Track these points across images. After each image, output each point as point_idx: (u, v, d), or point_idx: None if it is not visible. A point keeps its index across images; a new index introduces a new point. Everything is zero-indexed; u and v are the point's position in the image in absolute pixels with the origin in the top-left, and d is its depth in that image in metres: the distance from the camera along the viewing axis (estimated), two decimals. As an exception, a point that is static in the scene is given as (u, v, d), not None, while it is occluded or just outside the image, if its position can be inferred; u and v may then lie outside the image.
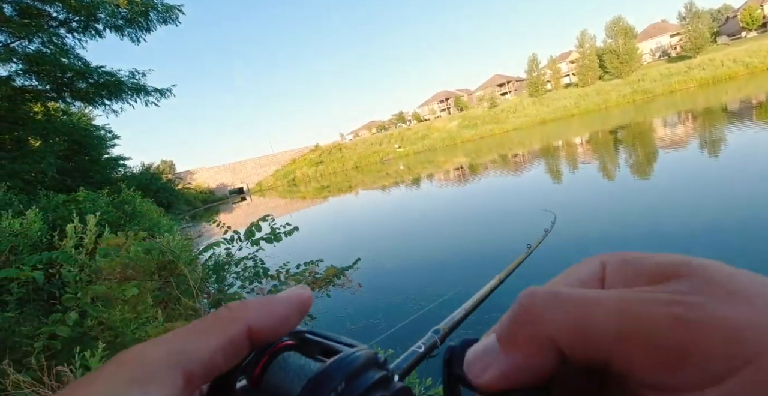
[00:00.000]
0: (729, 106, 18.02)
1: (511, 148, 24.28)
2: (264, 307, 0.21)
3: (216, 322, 0.20)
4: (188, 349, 0.19)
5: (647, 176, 8.66)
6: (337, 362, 0.20)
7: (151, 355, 0.18)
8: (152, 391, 0.17)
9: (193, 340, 0.19)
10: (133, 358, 0.18)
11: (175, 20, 11.57)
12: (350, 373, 0.20)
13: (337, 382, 0.19)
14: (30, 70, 10.81)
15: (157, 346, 0.19)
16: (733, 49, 40.28)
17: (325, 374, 0.20)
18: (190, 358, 0.18)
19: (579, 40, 46.92)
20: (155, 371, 0.17)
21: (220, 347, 0.19)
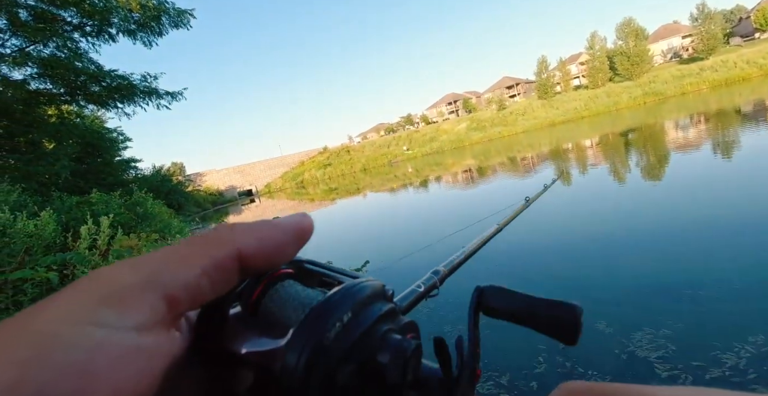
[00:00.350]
0: (743, 108, 17.75)
1: (519, 151, 24.14)
2: (256, 231, 0.19)
3: (201, 244, 0.18)
4: (169, 271, 0.17)
5: (658, 179, 8.56)
6: (343, 291, 0.19)
7: (125, 275, 0.16)
8: (128, 313, 0.15)
9: (175, 262, 0.17)
10: (104, 277, 0.16)
11: (187, 24, 11.71)
12: (357, 303, 0.19)
13: (342, 312, 0.18)
14: (44, 74, 11.00)
15: (133, 267, 0.17)
16: (747, 50, 39.70)
17: (329, 303, 0.18)
18: (172, 281, 0.16)
19: (589, 41, 46.57)
20: (131, 293, 0.15)
21: (205, 271, 0.17)
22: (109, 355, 0.14)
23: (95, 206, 6.10)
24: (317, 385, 0.17)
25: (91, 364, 0.13)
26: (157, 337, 0.16)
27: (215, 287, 0.18)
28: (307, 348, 0.17)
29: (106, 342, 0.14)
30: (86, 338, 0.14)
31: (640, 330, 3.14)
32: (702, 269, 3.97)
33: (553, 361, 2.98)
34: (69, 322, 0.14)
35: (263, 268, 0.20)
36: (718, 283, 3.61)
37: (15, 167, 9.93)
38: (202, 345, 0.19)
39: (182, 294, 0.16)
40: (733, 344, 2.74)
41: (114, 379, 0.13)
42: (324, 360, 0.17)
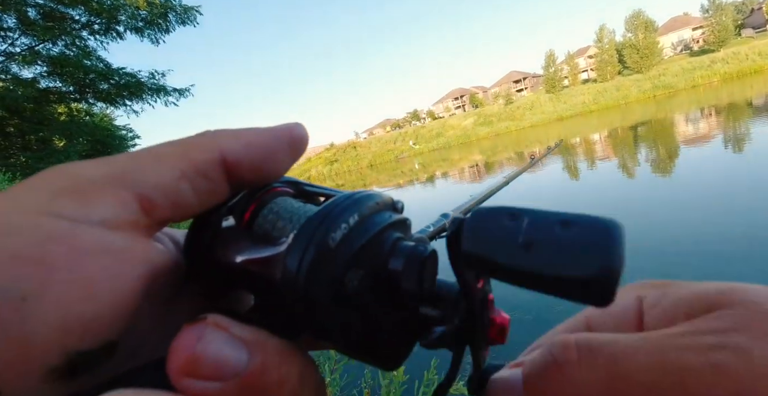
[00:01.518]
0: (755, 101, 17.47)
1: (527, 146, 23.98)
2: (242, 136, 0.18)
3: (178, 146, 0.16)
4: (141, 170, 0.15)
5: (668, 174, 8.47)
6: (348, 195, 0.17)
7: (88, 169, 0.14)
8: (92, 206, 0.13)
9: (148, 162, 0.15)
10: (65, 170, 0.14)
11: (193, 21, 11.76)
12: (364, 208, 0.17)
13: (349, 214, 0.16)
14: (54, 72, 11.12)
15: (99, 163, 0.15)
16: (759, 42, 38.99)
17: (333, 205, 0.16)
18: (145, 181, 0.15)
19: (598, 34, 46.00)
20: (95, 185, 0.14)
21: (185, 175, 0.16)
22: (69, 248, 0.12)
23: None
24: (323, 292, 0.15)
25: (47, 255, 0.12)
26: (129, 239, 0.14)
27: (200, 195, 0.16)
28: (310, 250, 0.15)
29: (64, 233, 0.12)
30: (41, 228, 0.12)
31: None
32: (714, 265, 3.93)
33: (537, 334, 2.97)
34: (20, 210, 0.12)
35: (254, 178, 0.18)
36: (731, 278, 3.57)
37: (26, 165, 10.07)
38: (193, 260, 0.18)
39: (158, 196, 0.15)
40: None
41: (81, 275, 0.12)
42: (329, 264, 0.15)
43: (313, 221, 0.16)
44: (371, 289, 0.17)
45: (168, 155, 0.16)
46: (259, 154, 0.18)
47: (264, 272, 0.16)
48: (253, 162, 0.17)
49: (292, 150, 0.19)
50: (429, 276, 0.18)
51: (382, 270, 0.17)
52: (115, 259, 0.13)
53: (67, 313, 0.12)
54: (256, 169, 0.18)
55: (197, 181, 0.16)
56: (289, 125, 0.19)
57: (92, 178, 0.14)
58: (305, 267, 0.15)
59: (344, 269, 0.16)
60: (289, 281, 0.15)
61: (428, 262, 0.18)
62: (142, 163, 0.15)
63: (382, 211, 0.18)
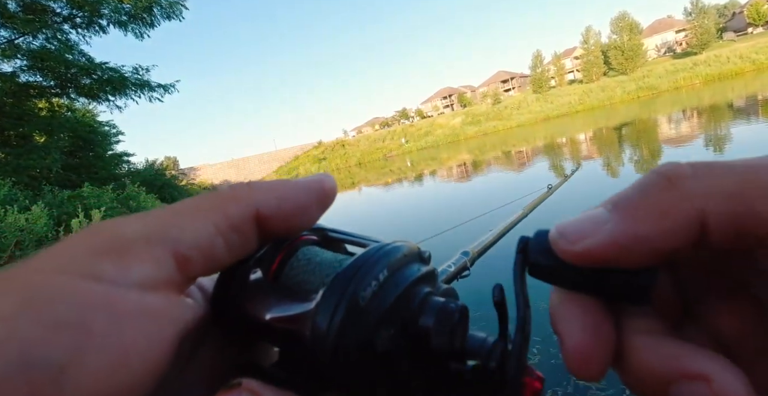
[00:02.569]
0: (735, 103, 17.87)
1: (515, 145, 24.19)
2: (275, 190, 0.18)
3: (215, 200, 0.17)
4: (179, 226, 0.15)
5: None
6: (377, 249, 0.17)
7: (128, 227, 0.14)
8: (131, 267, 0.13)
9: (186, 218, 0.15)
10: (105, 229, 0.14)
11: (179, 16, 11.59)
12: (393, 261, 0.17)
13: (378, 270, 0.16)
14: (34, 66, 10.86)
15: (138, 220, 0.15)
16: (740, 45, 39.91)
17: (363, 261, 0.16)
18: (182, 238, 0.15)
19: (584, 35, 46.59)
20: (134, 245, 0.14)
21: (219, 229, 0.16)
22: (109, 313, 0.12)
23: (87, 200, 6.04)
24: (353, 352, 0.15)
25: (87, 322, 0.12)
26: (165, 298, 0.14)
27: (231, 249, 0.16)
28: (340, 308, 0.15)
29: (104, 298, 0.12)
30: (81, 292, 0.12)
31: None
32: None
33: (547, 352, 3.00)
34: (60, 273, 0.12)
35: (283, 231, 0.18)
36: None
37: (5, 161, 9.81)
38: (220, 313, 0.18)
39: (194, 253, 0.15)
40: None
41: (119, 342, 0.12)
42: (360, 322, 0.15)
43: (343, 278, 0.16)
44: (401, 347, 0.16)
45: (204, 210, 0.16)
46: (291, 208, 0.18)
47: (293, 329, 0.16)
48: (285, 216, 0.18)
49: (323, 203, 0.19)
50: (460, 332, 0.17)
51: (412, 327, 0.17)
52: (151, 322, 0.13)
53: (103, 381, 0.12)
54: (288, 222, 0.18)
55: (231, 235, 0.16)
56: (321, 178, 0.20)
57: (131, 236, 0.14)
58: (335, 326, 0.15)
59: (375, 328, 0.16)
60: (318, 340, 0.15)
61: (460, 318, 0.17)
62: (179, 218, 0.15)
63: (410, 264, 0.18)
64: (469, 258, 0.63)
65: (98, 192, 6.53)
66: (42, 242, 3.96)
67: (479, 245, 0.72)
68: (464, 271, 0.60)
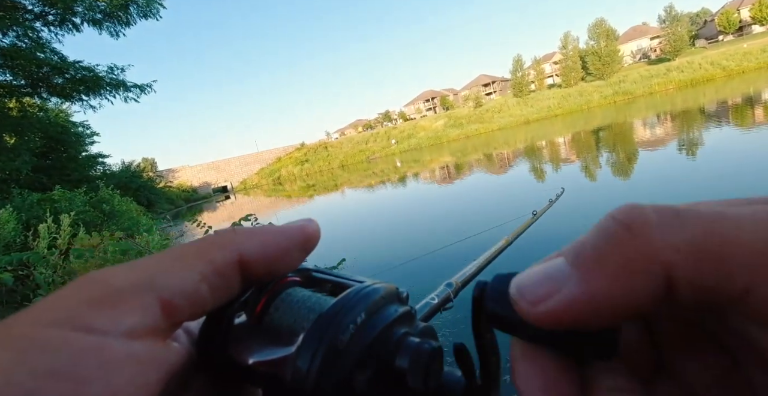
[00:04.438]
0: (707, 108, 18.47)
1: (496, 148, 24.48)
2: (258, 236, 0.18)
3: (200, 248, 0.17)
4: (165, 275, 0.16)
5: (626, 176, 8.81)
6: (355, 292, 0.18)
7: (116, 278, 0.15)
8: (121, 316, 0.14)
9: (172, 266, 0.16)
10: (94, 280, 0.15)
11: (156, 14, 11.35)
12: (370, 304, 0.17)
13: (355, 313, 0.17)
14: (4, 65, 10.47)
15: (126, 270, 0.16)
16: (711, 52, 41.34)
17: (341, 304, 0.17)
18: (168, 286, 0.15)
19: (562, 41, 47.59)
20: (122, 296, 0.15)
21: (204, 276, 0.16)
22: (99, 362, 0.13)
23: (58, 203, 5.84)
24: (332, 393, 0.16)
25: (78, 371, 0.12)
26: (152, 345, 0.15)
27: (215, 294, 0.17)
28: (319, 352, 0.16)
29: (94, 347, 0.13)
30: (72, 343, 0.13)
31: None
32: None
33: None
34: (53, 325, 0.13)
35: (267, 275, 0.19)
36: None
37: (-29, 163, 9.43)
38: (205, 356, 0.18)
39: (179, 300, 0.16)
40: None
41: (108, 389, 0.13)
42: (338, 364, 0.16)
43: (322, 322, 0.16)
44: (378, 388, 0.17)
45: (189, 259, 0.16)
46: (273, 253, 0.18)
47: (275, 372, 0.16)
48: (267, 260, 0.18)
49: (305, 247, 0.19)
50: (435, 372, 0.18)
51: (389, 368, 0.17)
52: (138, 368, 0.14)
53: None
54: (270, 266, 0.18)
55: (215, 281, 0.17)
56: (303, 224, 0.20)
57: (120, 286, 0.15)
58: (315, 369, 0.15)
59: (352, 370, 0.16)
60: (298, 382, 0.16)
61: (434, 360, 0.17)
62: (165, 267, 0.16)
63: (387, 305, 0.18)
64: (453, 289, 0.63)
65: (70, 195, 6.31)
66: (10, 247, 3.80)
67: (462, 276, 0.71)
68: (448, 302, 0.60)
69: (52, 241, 3.05)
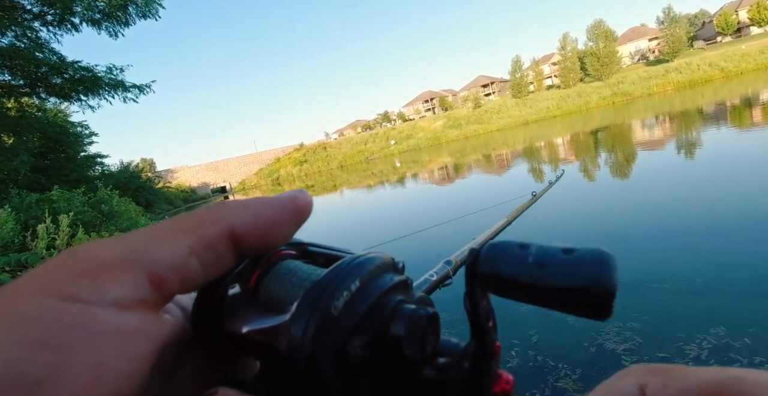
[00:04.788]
0: (705, 109, 18.52)
1: (495, 148, 24.50)
2: (250, 208, 0.18)
3: (189, 221, 0.17)
4: (153, 248, 0.16)
5: (625, 177, 8.82)
6: (348, 260, 0.18)
7: (103, 251, 0.15)
8: (106, 288, 0.14)
9: (160, 239, 0.16)
10: (80, 252, 0.15)
11: (155, 15, 11.34)
12: (365, 273, 0.18)
13: (349, 281, 0.17)
14: (2, 65, 10.45)
15: (114, 243, 0.16)
16: (709, 53, 41.47)
17: (334, 273, 0.17)
18: (156, 259, 0.15)
19: (561, 42, 47.66)
20: (108, 267, 0.14)
21: (194, 250, 0.16)
22: (87, 332, 0.13)
23: (57, 204, 5.83)
24: (327, 360, 0.16)
25: (65, 340, 0.12)
26: (142, 317, 0.15)
27: (207, 268, 0.17)
28: (313, 319, 0.16)
29: (80, 317, 0.13)
30: (58, 312, 0.13)
31: (609, 323, 3.22)
32: (666, 264, 4.11)
33: (525, 355, 3.02)
34: (39, 294, 0.13)
35: (260, 247, 0.18)
36: (682, 277, 3.74)
37: (-30, 163, 9.42)
38: (199, 328, 0.18)
39: (168, 273, 0.15)
40: (695, 336, 2.84)
41: (94, 358, 0.13)
42: (333, 332, 0.16)
43: (316, 290, 0.16)
44: (375, 356, 0.17)
45: (178, 232, 0.16)
46: (265, 224, 0.18)
47: (269, 341, 0.17)
48: (260, 232, 0.18)
49: (297, 219, 0.19)
50: (431, 339, 0.18)
51: (385, 335, 0.17)
52: (127, 340, 0.14)
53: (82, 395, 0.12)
54: (263, 238, 0.18)
55: (206, 254, 0.16)
56: (294, 194, 0.20)
57: (107, 259, 0.15)
58: (309, 336, 0.15)
59: (347, 337, 0.16)
60: (293, 350, 0.16)
61: (431, 326, 0.18)
62: (154, 241, 0.16)
63: (383, 275, 0.18)
64: (452, 267, 0.63)
65: (68, 195, 6.30)
66: (8, 248, 3.80)
67: (461, 254, 0.72)
68: (447, 279, 0.60)
69: (51, 242, 3.05)
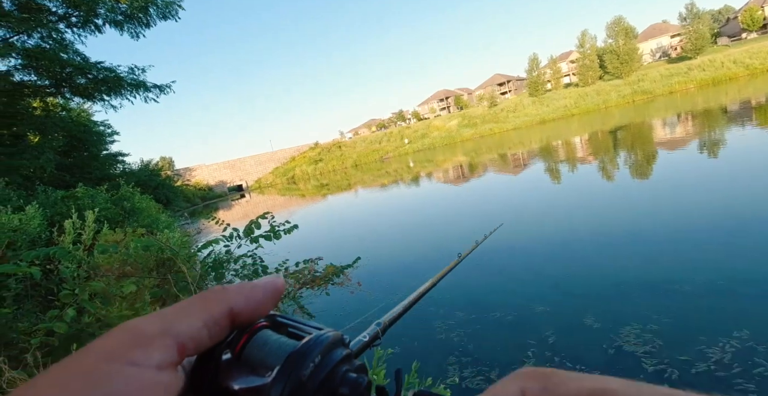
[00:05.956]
0: (729, 108, 18.01)
1: (510, 148, 24.26)
2: (243, 292, 0.25)
3: (202, 303, 0.23)
4: (180, 323, 0.21)
5: (645, 178, 8.65)
6: (314, 339, 0.24)
7: (149, 326, 0.21)
8: (153, 354, 0.19)
9: (183, 316, 0.22)
10: (135, 327, 0.21)
11: (175, 16, 11.53)
12: (324, 348, 0.24)
13: (314, 355, 0.23)
14: (29, 65, 10.75)
15: (153, 319, 0.22)
16: (734, 50, 40.31)
17: (305, 348, 0.23)
18: (182, 332, 0.21)
19: (579, 39, 46.87)
20: (154, 339, 0.20)
21: (206, 324, 0.22)
22: (140, 387, 0.18)
23: (81, 200, 5.99)
24: None
25: (126, 394, 0.17)
26: (169, 374, 0.20)
27: (212, 337, 0.23)
28: (289, 383, 0.22)
29: (136, 377, 0.18)
30: (122, 374, 0.18)
31: (628, 325, 3.17)
32: (687, 266, 4.02)
33: (542, 356, 3.00)
34: (109, 360, 0.18)
35: (247, 321, 0.25)
36: (703, 279, 3.66)
37: (-2, 161, 9.72)
38: (199, 385, 0.23)
39: (188, 341, 0.21)
40: (718, 339, 2.78)
41: None
42: (301, 393, 0.22)
43: (291, 360, 0.23)
44: None
45: (195, 311, 0.23)
46: (254, 304, 0.25)
47: None
48: (249, 310, 0.25)
49: (275, 298, 0.26)
50: None
51: (336, 394, 0.24)
52: (163, 393, 0.19)
53: None
54: (251, 315, 0.25)
55: (213, 327, 0.23)
56: (273, 280, 0.27)
57: (151, 332, 0.20)
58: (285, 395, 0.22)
59: None
60: None
61: (366, 389, 0.25)
62: (179, 317, 0.22)
63: (335, 349, 0.25)
64: (381, 328, 0.72)
65: (92, 192, 6.46)
66: (35, 243, 3.92)
67: (390, 316, 0.82)
68: (377, 340, 0.69)
69: (77, 237, 3.14)
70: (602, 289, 3.95)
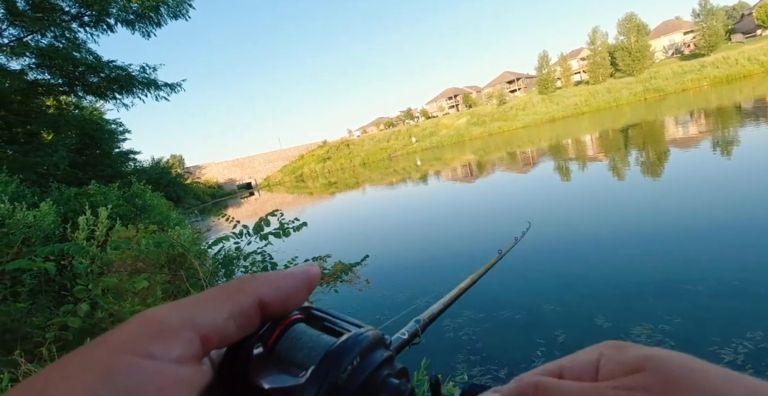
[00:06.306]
0: (743, 106, 17.71)
1: (519, 147, 24.11)
2: (274, 282, 0.23)
3: (228, 293, 0.22)
4: (203, 314, 0.20)
5: (656, 178, 8.54)
6: (353, 338, 0.22)
7: (169, 317, 0.19)
8: (172, 347, 0.18)
9: (207, 307, 0.20)
10: (153, 318, 0.19)
11: (185, 15, 11.61)
12: (364, 349, 0.22)
13: (353, 356, 0.21)
14: (42, 64, 10.91)
15: (174, 309, 0.20)
16: (748, 47, 39.58)
17: (343, 348, 0.21)
18: (205, 323, 0.20)
19: (590, 36, 46.35)
20: (174, 331, 0.19)
21: (232, 316, 0.21)
22: (158, 382, 0.17)
23: (94, 197, 6.08)
24: None
25: (145, 390, 0.16)
26: (192, 369, 0.19)
27: (240, 329, 0.21)
28: (324, 385, 0.20)
29: (154, 371, 0.17)
30: (138, 367, 0.17)
31: (639, 325, 3.15)
32: (700, 266, 3.97)
33: (552, 355, 2.99)
34: (124, 352, 0.17)
35: (279, 312, 0.23)
36: (716, 280, 3.61)
37: (13, 158, 9.89)
38: (228, 380, 0.22)
39: (212, 333, 0.20)
40: (731, 340, 2.74)
41: None
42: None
43: (328, 360, 0.21)
44: None
45: (221, 301, 0.21)
46: (285, 294, 0.23)
47: None
48: (281, 301, 0.23)
49: (309, 288, 0.24)
50: None
51: None
52: (184, 388, 0.18)
53: None
54: (283, 305, 0.23)
55: (240, 319, 0.21)
56: (307, 268, 0.25)
57: (171, 323, 0.19)
58: None
59: None
60: None
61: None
62: (202, 307, 0.20)
63: (376, 351, 0.23)
64: (420, 325, 0.69)
65: (105, 189, 6.56)
66: (49, 239, 3.98)
67: (429, 313, 0.79)
68: (416, 337, 0.66)
69: (91, 233, 3.19)
70: (612, 288, 3.92)
